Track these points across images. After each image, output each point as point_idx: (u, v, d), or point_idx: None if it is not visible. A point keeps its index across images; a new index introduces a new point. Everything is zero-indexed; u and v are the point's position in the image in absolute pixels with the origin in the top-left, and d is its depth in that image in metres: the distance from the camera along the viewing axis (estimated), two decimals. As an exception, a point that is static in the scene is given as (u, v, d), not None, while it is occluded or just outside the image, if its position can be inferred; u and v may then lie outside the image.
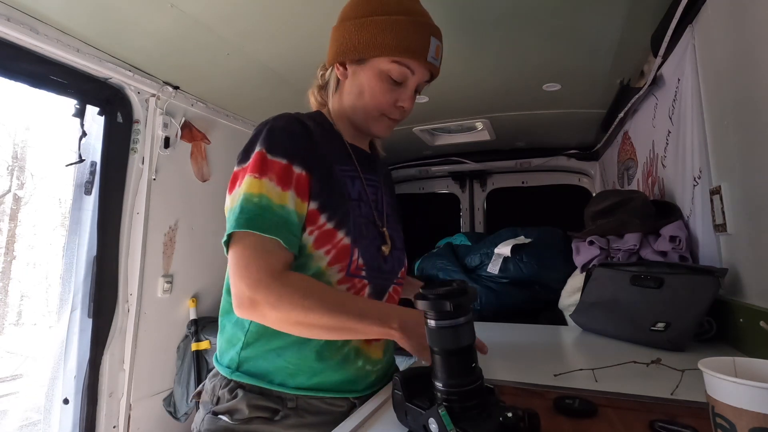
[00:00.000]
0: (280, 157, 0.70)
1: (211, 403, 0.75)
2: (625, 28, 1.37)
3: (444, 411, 0.50)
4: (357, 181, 0.82)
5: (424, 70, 0.81)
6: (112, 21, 1.37)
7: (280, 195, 0.69)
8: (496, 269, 1.99)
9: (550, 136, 2.66)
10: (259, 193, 0.68)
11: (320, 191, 0.73)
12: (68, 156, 1.65)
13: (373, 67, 0.80)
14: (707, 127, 1.15)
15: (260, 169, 0.69)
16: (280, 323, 0.68)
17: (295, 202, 0.70)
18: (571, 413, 0.61)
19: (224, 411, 0.72)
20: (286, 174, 0.70)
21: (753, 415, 0.39)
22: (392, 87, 0.80)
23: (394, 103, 0.82)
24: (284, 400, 0.73)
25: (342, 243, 0.74)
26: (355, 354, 0.77)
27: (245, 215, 0.66)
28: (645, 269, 1.18)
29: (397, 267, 0.86)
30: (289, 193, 0.69)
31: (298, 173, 0.71)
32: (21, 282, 2.81)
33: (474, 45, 1.52)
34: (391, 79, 0.79)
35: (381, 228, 0.83)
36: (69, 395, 1.58)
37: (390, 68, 0.79)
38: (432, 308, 0.53)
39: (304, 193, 0.72)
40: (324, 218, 0.73)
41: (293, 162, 0.71)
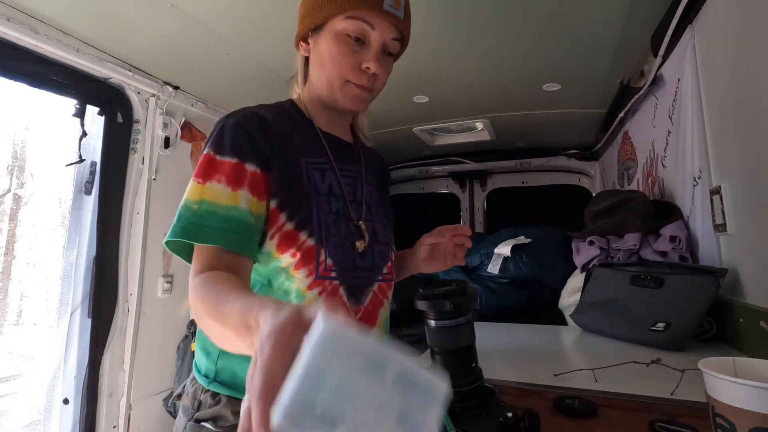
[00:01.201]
0: (229, 157, 0.66)
1: (192, 408, 0.71)
2: (625, 28, 1.37)
3: (444, 411, 0.50)
4: (329, 173, 0.76)
5: (385, 23, 0.72)
6: (112, 21, 1.37)
7: (230, 196, 0.64)
8: (496, 269, 1.99)
9: (550, 136, 2.66)
10: (199, 199, 0.63)
11: (279, 188, 0.68)
12: (68, 156, 1.65)
13: (329, 31, 0.73)
14: (707, 127, 1.15)
15: (205, 173, 0.65)
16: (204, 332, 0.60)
17: (248, 202, 0.65)
18: (571, 413, 0.61)
19: (208, 418, 0.68)
20: (236, 173, 0.65)
21: (753, 415, 0.39)
22: (353, 48, 0.72)
23: (358, 65, 0.72)
24: None
25: (306, 245, 0.68)
26: None
27: (181, 224, 0.63)
28: (645, 269, 1.19)
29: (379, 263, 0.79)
30: (240, 193, 0.64)
31: (252, 171, 0.66)
32: (21, 282, 2.80)
33: (474, 45, 1.52)
34: (350, 38, 0.71)
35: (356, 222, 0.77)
36: (69, 395, 1.58)
37: (345, 26, 0.71)
38: (432, 308, 0.53)
39: (261, 192, 0.67)
40: (284, 217, 0.68)
41: (245, 160, 0.66)
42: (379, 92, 0.79)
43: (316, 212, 0.70)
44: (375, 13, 0.71)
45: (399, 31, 0.74)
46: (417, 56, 1.58)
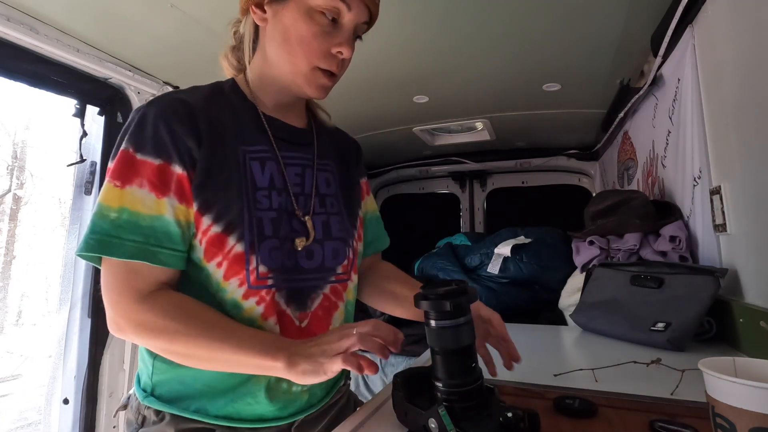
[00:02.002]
0: (152, 157, 0.58)
1: (135, 423, 0.65)
2: (625, 28, 1.37)
3: (444, 411, 0.50)
4: (270, 163, 0.67)
5: (361, 5, 0.65)
6: (113, 21, 1.37)
7: (154, 204, 0.57)
8: (496, 269, 1.99)
9: (550, 136, 2.66)
10: (118, 207, 0.56)
11: (202, 187, 0.60)
12: (68, 156, 1.65)
13: (299, 4, 0.63)
14: (707, 127, 1.15)
15: (124, 174, 0.57)
16: (155, 350, 0.60)
17: (175, 210, 0.58)
18: (571, 413, 0.61)
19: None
20: (161, 177, 0.57)
21: (753, 415, 0.39)
22: (326, 29, 0.63)
23: (329, 49, 0.64)
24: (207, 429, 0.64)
25: (234, 251, 0.61)
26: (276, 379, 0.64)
27: (96, 236, 0.55)
28: (645, 269, 1.19)
29: (330, 262, 0.70)
30: (165, 201, 0.57)
31: (178, 174, 0.59)
32: (21, 282, 2.81)
33: (474, 45, 1.52)
34: (325, 17, 0.63)
35: (302, 217, 0.68)
36: (69, 395, 1.58)
37: (320, 3, 0.62)
38: (432, 308, 0.53)
39: (189, 198, 0.59)
40: (209, 220, 0.60)
41: (170, 161, 0.58)
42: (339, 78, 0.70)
43: (248, 212, 0.62)
44: None
45: (370, 14, 0.69)
46: (417, 56, 1.58)
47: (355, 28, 0.67)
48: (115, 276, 0.57)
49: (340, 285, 0.73)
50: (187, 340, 0.55)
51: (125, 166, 0.57)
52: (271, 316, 0.63)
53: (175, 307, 0.57)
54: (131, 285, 0.56)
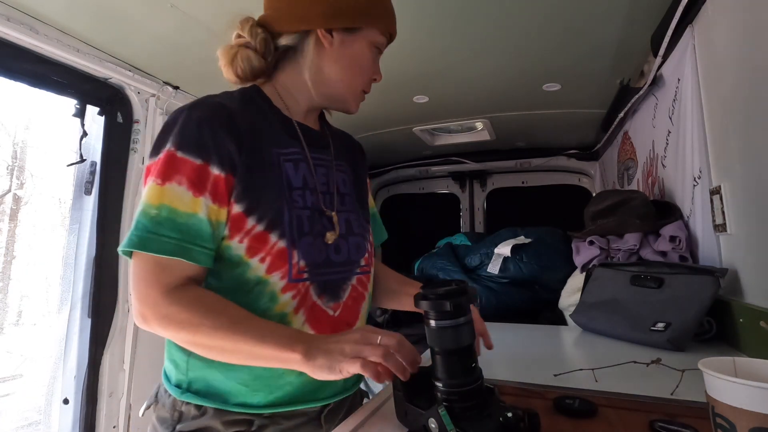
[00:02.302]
0: (193, 156, 0.60)
1: (171, 419, 0.67)
2: (625, 28, 1.37)
3: (444, 411, 0.50)
4: (302, 164, 0.72)
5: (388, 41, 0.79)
6: (112, 21, 1.37)
7: (191, 202, 0.59)
8: (496, 269, 1.99)
9: (550, 136, 2.66)
10: (158, 204, 0.59)
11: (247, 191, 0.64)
12: (68, 156, 1.65)
13: (366, 38, 0.73)
14: (707, 127, 1.15)
15: (165, 172, 0.59)
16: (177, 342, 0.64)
17: (208, 210, 0.61)
18: (571, 413, 0.61)
19: (193, 430, 0.65)
20: (200, 176, 0.60)
21: (753, 415, 0.39)
22: (375, 60, 0.76)
23: (372, 76, 0.78)
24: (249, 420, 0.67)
25: (277, 247, 0.65)
26: None
27: (138, 232, 0.59)
28: (645, 269, 1.19)
29: (355, 255, 0.76)
30: (201, 200, 0.60)
31: (215, 175, 0.61)
32: (21, 282, 2.81)
33: (474, 45, 1.52)
34: (377, 50, 0.76)
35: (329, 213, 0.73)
36: (69, 395, 1.58)
37: (380, 41, 0.75)
38: (432, 308, 0.53)
39: (223, 198, 0.62)
40: (253, 221, 0.64)
41: (210, 161, 0.61)
42: None
43: (288, 211, 0.67)
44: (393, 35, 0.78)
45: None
46: (417, 56, 1.58)
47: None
48: (146, 269, 0.59)
49: (365, 276, 0.78)
50: (210, 332, 0.57)
51: (167, 165, 0.60)
52: (302, 308, 0.68)
53: (200, 302, 0.59)
54: (160, 279, 0.59)
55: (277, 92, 0.76)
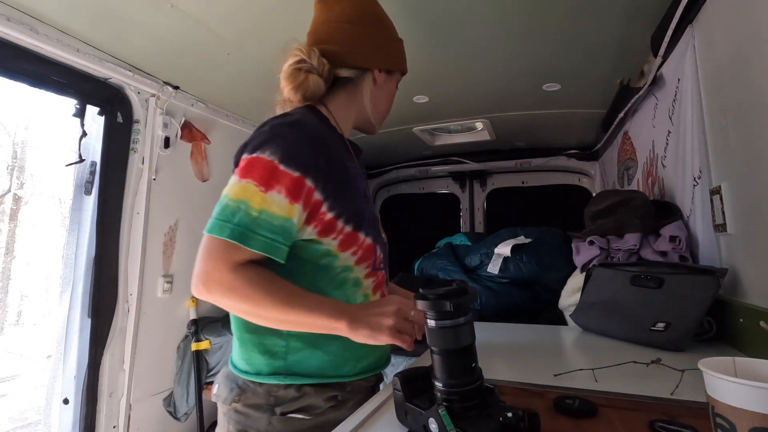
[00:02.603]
0: (293, 169, 0.70)
1: (267, 405, 0.75)
2: (625, 28, 1.37)
3: (444, 411, 0.50)
4: (359, 177, 0.85)
5: None
6: (112, 21, 1.37)
7: (287, 208, 0.69)
8: (496, 269, 1.99)
9: (550, 136, 2.66)
10: (259, 208, 0.68)
11: (336, 200, 0.75)
12: (68, 156, 1.65)
13: (395, 78, 0.95)
14: (707, 127, 1.15)
15: (267, 181, 0.68)
16: (232, 310, 0.73)
17: (300, 215, 0.71)
18: (571, 413, 0.61)
19: (298, 409, 0.75)
20: (297, 187, 0.70)
21: (753, 415, 0.39)
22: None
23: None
24: (344, 385, 0.80)
25: (366, 243, 0.80)
26: None
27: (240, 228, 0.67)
28: (645, 269, 1.18)
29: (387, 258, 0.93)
30: (296, 206, 0.70)
31: (309, 186, 0.71)
32: (21, 282, 2.81)
33: (474, 45, 1.52)
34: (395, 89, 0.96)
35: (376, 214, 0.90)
36: (69, 395, 1.58)
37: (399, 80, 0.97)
38: (432, 308, 0.53)
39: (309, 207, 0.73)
40: (342, 223, 0.76)
41: (307, 175, 0.71)
42: None
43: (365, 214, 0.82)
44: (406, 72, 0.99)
45: None
46: (417, 56, 1.58)
47: None
48: (218, 248, 0.68)
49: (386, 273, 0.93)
50: (269, 305, 0.68)
51: (269, 174, 0.69)
52: (378, 291, 0.85)
53: (262, 279, 0.69)
54: (229, 257, 0.68)
55: (330, 113, 0.88)
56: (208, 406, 2.01)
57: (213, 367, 1.96)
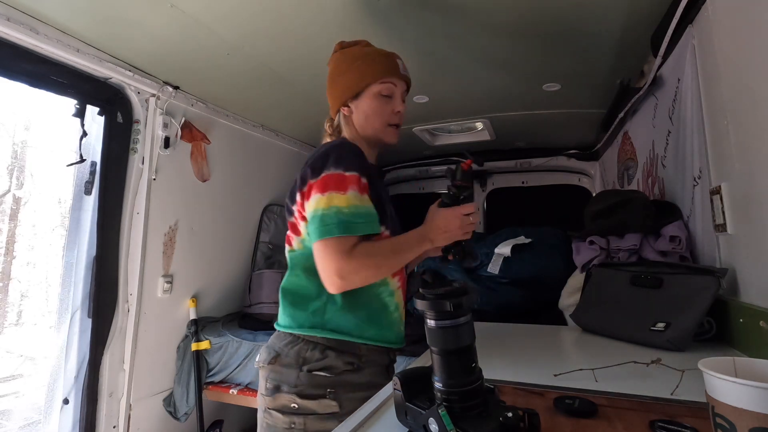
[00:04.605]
0: (353, 172, 0.92)
1: (297, 364, 0.93)
2: (625, 28, 1.37)
3: (444, 411, 0.50)
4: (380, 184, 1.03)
5: (402, 82, 1.07)
6: (112, 21, 1.37)
7: (362, 198, 0.92)
8: (496, 269, 1.99)
9: (550, 136, 2.66)
10: (348, 205, 0.89)
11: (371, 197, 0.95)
12: (68, 156, 1.65)
13: (368, 94, 1.05)
14: (707, 127, 1.15)
15: (341, 185, 0.90)
16: (365, 281, 0.93)
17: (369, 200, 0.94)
18: (571, 413, 0.61)
19: (320, 368, 0.92)
20: (360, 183, 0.92)
21: (753, 415, 0.39)
22: (386, 101, 1.05)
23: (392, 112, 1.06)
24: (359, 356, 0.95)
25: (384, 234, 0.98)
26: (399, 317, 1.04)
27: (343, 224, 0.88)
28: (645, 269, 1.18)
29: None
30: (365, 195, 0.93)
31: (364, 182, 0.94)
32: (21, 282, 2.80)
33: (474, 45, 1.52)
34: (383, 96, 1.04)
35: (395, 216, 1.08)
36: (69, 395, 1.58)
37: (380, 88, 1.04)
38: (432, 308, 0.53)
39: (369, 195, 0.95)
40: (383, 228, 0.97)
41: (362, 174, 0.93)
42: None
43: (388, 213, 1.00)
44: (397, 77, 1.06)
45: (408, 84, 1.09)
46: (417, 56, 1.58)
47: (402, 94, 1.08)
48: (335, 246, 0.88)
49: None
50: (386, 263, 0.93)
51: (340, 181, 0.90)
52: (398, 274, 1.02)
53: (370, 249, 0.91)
54: (345, 248, 0.88)
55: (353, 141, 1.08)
56: (208, 406, 2.01)
57: (213, 367, 1.96)
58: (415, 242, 0.95)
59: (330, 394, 0.91)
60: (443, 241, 0.95)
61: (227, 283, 2.27)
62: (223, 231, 2.22)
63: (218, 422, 2.11)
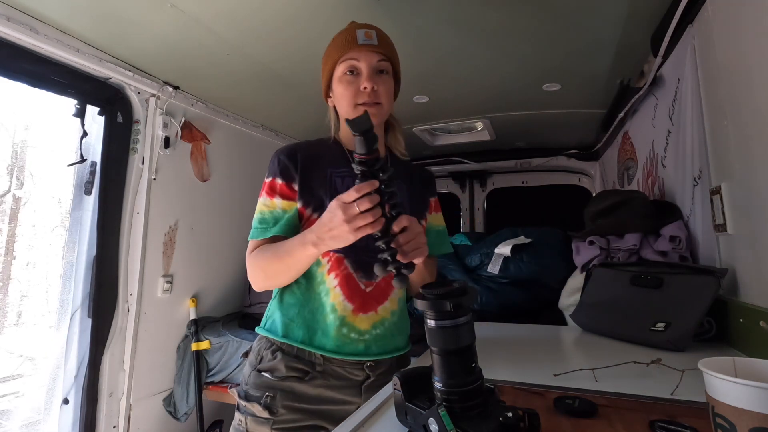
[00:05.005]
0: (269, 177, 0.95)
1: (255, 362, 0.93)
2: (625, 28, 1.37)
3: (444, 411, 0.50)
4: (348, 179, 0.96)
5: (366, 53, 0.93)
6: (112, 21, 1.37)
7: (268, 202, 0.93)
8: (496, 269, 1.99)
9: (550, 136, 2.66)
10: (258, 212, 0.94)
11: (303, 193, 0.94)
12: (68, 156, 1.65)
13: (335, 80, 0.97)
14: (707, 127, 1.15)
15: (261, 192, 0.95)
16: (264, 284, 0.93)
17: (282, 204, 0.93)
18: (571, 413, 0.61)
19: (266, 369, 0.91)
20: (271, 186, 0.94)
21: (753, 415, 0.39)
22: (350, 80, 0.93)
23: (358, 89, 0.93)
24: (314, 364, 0.91)
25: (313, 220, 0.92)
26: (340, 322, 0.92)
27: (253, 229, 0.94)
28: (645, 269, 1.19)
29: None
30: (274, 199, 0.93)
31: (279, 183, 0.93)
32: (21, 282, 2.80)
33: (474, 45, 1.52)
34: (347, 75, 0.94)
35: None
36: (69, 395, 1.58)
37: (341, 69, 0.94)
38: (432, 308, 0.53)
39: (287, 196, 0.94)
40: (310, 212, 0.93)
41: (277, 176, 0.94)
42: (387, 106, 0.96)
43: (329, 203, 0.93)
44: (356, 49, 0.93)
45: (381, 54, 0.94)
46: (417, 56, 1.58)
47: (373, 67, 0.93)
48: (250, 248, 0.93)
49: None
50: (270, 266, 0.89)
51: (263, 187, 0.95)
52: (333, 272, 0.93)
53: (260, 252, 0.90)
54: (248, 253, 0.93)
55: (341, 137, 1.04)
56: (208, 405, 2.01)
57: (213, 367, 1.96)
58: (297, 244, 0.83)
59: (265, 399, 0.88)
60: (332, 241, 0.76)
61: (227, 283, 2.27)
62: (223, 231, 2.22)
63: (218, 422, 2.11)
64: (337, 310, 0.91)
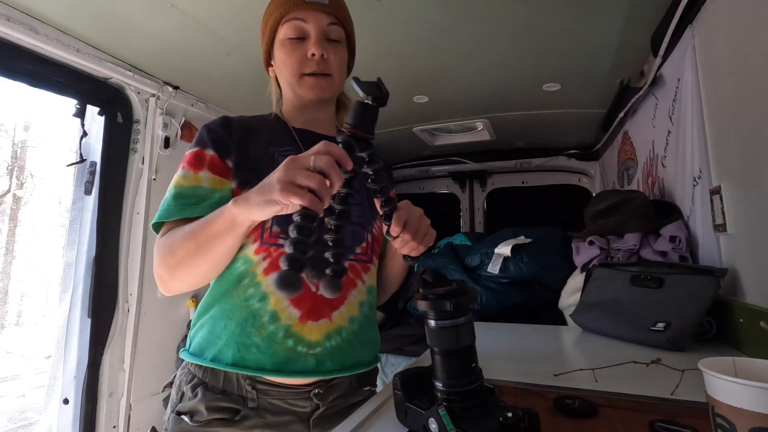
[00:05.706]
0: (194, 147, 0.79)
1: (177, 399, 0.76)
2: (625, 28, 1.37)
3: (444, 411, 0.50)
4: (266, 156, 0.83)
5: (314, 13, 0.79)
6: (112, 21, 1.37)
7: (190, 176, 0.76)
8: (496, 269, 1.99)
9: (550, 136, 2.66)
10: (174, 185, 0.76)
11: (238, 171, 0.77)
12: (68, 156, 1.65)
13: (276, 44, 0.82)
14: (707, 127, 1.15)
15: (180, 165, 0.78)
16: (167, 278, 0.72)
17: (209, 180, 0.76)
18: (571, 413, 0.61)
19: (186, 411, 0.73)
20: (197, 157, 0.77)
21: (753, 415, 0.39)
22: (295, 45, 0.79)
23: (304, 56, 0.79)
24: (245, 399, 0.72)
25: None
26: (284, 333, 0.72)
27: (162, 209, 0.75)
28: (645, 269, 1.19)
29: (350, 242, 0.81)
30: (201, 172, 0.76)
31: (209, 154, 0.77)
32: (21, 282, 2.80)
33: (474, 45, 1.52)
34: (291, 40, 0.79)
35: None
36: (69, 395, 1.58)
37: (285, 32, 0.80)
38: (432, 308, 0.53)
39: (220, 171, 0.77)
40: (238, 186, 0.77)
41: (207, 147, 0.78)
42: (339, 78, 0.83)
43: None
44: (302, 7, 0.78)
45: (332, 17, 0.80)
46: (417, 56, 1.58)
47: (323, 32, 0.80)
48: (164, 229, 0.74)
49: (359, 265, 0.82)
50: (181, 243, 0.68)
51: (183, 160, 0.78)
52: (273, 272, 0.73)
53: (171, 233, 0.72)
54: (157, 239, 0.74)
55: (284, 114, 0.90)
56: (208, 406, 2.01)
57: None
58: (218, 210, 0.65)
59: None
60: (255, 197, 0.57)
61: (227, 283, 2.27)
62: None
63: (218, 422, 2.11)
64: (279, 319, 0.72)
